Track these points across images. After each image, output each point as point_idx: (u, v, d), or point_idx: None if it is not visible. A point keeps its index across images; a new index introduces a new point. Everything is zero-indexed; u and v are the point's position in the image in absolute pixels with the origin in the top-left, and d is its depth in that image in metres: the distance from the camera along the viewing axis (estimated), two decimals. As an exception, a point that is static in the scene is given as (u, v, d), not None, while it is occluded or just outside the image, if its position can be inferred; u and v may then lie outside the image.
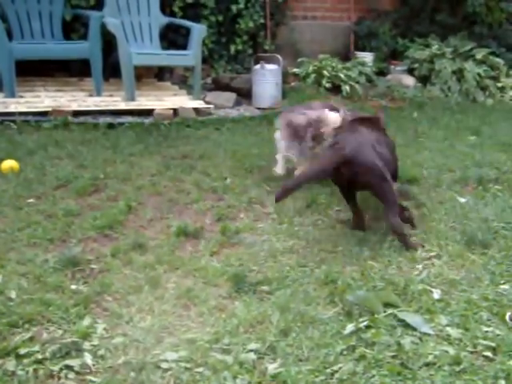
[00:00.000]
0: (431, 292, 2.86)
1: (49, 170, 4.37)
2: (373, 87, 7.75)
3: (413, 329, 2.55)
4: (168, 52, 6.74)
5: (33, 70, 6.47)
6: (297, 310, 2.64)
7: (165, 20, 6.95)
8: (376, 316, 2.61)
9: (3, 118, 5.46)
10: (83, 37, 6.49)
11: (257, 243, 3.37)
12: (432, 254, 3.27)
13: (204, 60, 6.94)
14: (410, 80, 8.00)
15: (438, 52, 8.00)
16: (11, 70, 5.85)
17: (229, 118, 6.29)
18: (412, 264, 3.16)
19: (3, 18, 6.02)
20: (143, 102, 6.28)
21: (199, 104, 6.40)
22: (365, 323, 2.56)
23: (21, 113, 5.60)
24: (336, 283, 2.90)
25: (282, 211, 3.83)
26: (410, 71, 8.16)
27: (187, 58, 6.54)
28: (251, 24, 7.53)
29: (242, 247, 3.33)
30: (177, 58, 6.66)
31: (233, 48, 7.58)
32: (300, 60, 7.76)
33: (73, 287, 2.82)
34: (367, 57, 8.20)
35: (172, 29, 7.10)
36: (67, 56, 6.36)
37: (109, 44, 6.36)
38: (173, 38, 7.19)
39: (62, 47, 6.29)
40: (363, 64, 7.93)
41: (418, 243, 3.36)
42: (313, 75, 7.38)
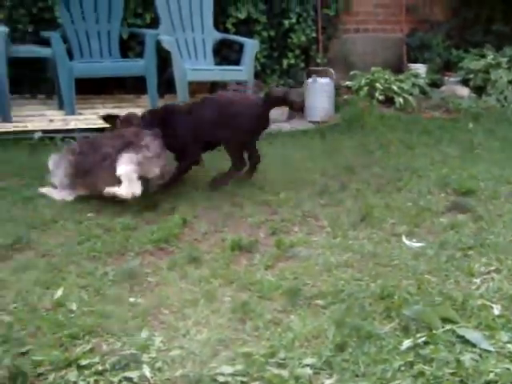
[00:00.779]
0: (491, 307, 2.78)
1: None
2: (427, 99, 7.66)
3: (472, 345, 2.49)
4: (221, 67, 6.84)
5: (91, 88, 6.66)
6: (352, 325, 2.61)
7: (218, 36, 7.06)
8: (434, 332, 2.56)
9: (64, 135, 5.62)
10: (139, 55, 6.66)
11: (311, 257, 3.36)
12: (491, 269, 3.19)
13: (256, 75, 7.00)
14: (465, 91, 7.85)
15: (494, 62, 7.84)
16: (72, 88, 6.03)
17: (282, 132, 6.33)
18: (470, 278, 3.09)
19: (64, 39, 6.23)
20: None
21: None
22: (422, 339, 2.51)
23: (80, 129, 5.78)
24: (392, 298, 2.85)
25: (336, 225, 3.82)
26: (465, 82, 8.01)
27: (240, 73, 6.61)
28: (303, 38, 7.56)
29: (297, 261, 3.33)
30: (230, 73, 6.73)
31: (285, 62, 7.61)
32: (352, 73, 7.72)
33: (131, 300, 2.87)
34: (420, 68, 8.11)
35: (225, 44, 7.20)
36: (124, 73, 6.53)
37: (164, 61, 6.49)
38: (226, 54, 7.28)
39: (119, 65, 6.47)
40: (416, 76, 7.84)
41: None
42: (365, 88, 7.34)
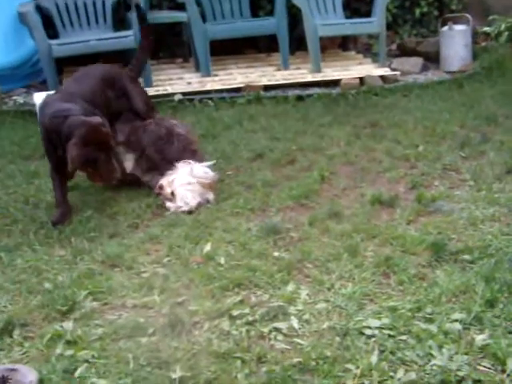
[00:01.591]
0: None
1: (244, 143, 4.60)
2: None
3: None
4: (352, 21, 6.69)
5: (224, 49, 6.78)
6: (503, 281, 2.52)
7: (347, -11, 6.90)
8: None
9: (202, 97, 5.82)
10: (269, 13, 6.67)
11: (455, 211, 3.27)
12: None
13: (388, 26, 6.78)
14: None
15: None
16: (207, 50, 6.20)
17: (417, 84, 6.14)
18: None
19: (197, 3, 6.38)
20: (329, 73, 6.32)
21: (385, 71, 6.32)
22: None
23: (216, 90, 5.95)
24: (545, 253, 2.73)
25: (480, 178, 3.69)
26: None
27: (372, 26, 6.45)
28: (436, -17, 7.19)
29: (440, 215, 3.25)
30: (361, 26, 6.59)
31: (417, 11, 7.28)
32: (491, 18, 7.23)
33: (275, 254, 2.95)
34: None
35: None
36: (256, 33, 6.59)
37: (294, 17, 6.47)
38: (356, 7, 7.11)
39: (251, 24, 6.51)
40: None
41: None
42: (506, 33, 6.84)
